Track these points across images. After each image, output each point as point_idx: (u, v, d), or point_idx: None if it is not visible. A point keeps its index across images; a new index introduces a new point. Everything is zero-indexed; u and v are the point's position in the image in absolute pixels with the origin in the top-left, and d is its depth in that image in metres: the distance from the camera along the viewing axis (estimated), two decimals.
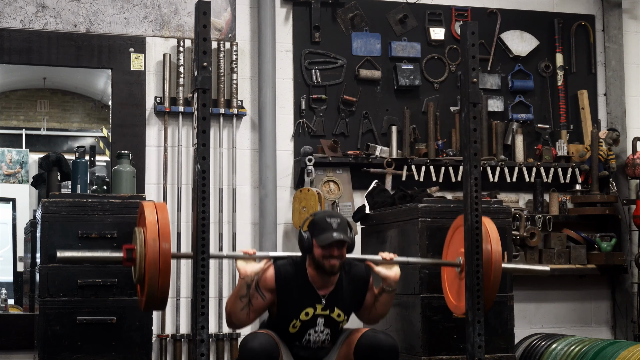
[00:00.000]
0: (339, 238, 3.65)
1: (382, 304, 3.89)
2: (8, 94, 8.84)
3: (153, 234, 3.38)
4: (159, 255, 3.37)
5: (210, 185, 3.36)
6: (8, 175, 8.47)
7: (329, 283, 3.79)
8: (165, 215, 3.45)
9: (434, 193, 5.21)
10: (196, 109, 3.36)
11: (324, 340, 3.83)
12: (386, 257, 3.84)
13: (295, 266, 3.79)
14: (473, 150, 3.68)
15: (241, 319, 3.74)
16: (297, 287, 3.76)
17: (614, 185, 5.96)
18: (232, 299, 3.71)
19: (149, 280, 3.38)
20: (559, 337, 5.35)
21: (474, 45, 3.73)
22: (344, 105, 5.67)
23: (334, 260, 3.67)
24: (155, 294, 3.41)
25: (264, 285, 3.75)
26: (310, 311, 3.77)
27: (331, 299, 3.79)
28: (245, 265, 3.65)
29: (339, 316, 3.82)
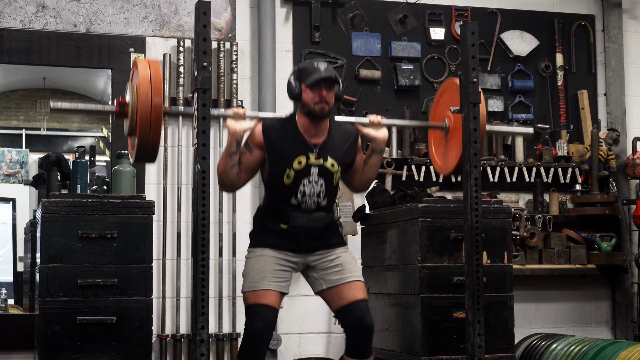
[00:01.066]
0: (327, 75, 3.69)
1: (370, 166, 3.94)
2: (8, 94, 8.85)
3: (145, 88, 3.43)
4: (150, 108, 3.42)
5: (210, 185, 3.37)
6: (8, 175, 8.47)
7: (319, 132, 3.81)
8: (158, 70, 3.50)
9: (434, 193, 5.21)
10: (196, 109, 3.36)
11: (318, 193, 3.80)
12: (374, 120, 3.90)
13: (285, 120, 3.83)
14: (473, 150, 3.69)
15: (232, 179, 3.75)
16: (287, 137, 3.78)
17: (614, 185, 5.96)
18: (223, 158, 3.74)
19: (141, 132, 3.44)
20: (559, 337, 5.35)
21: (474, 45, 3.73)
22: (344, 105, 5.67)
23: (323, 102, 3.72)
24: (146, 147, 3.48)
25: (252, 141, 3.78)
26: (303, 160, 3.77)
27: (323, 148, 3.81)
28: (235, 123, 3.70)
29: (333, 166, 3.82)
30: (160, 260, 5.26)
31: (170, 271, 5.33)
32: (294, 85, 3.77)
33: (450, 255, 4.44)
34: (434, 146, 4.19)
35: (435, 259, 4.41)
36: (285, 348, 5.47)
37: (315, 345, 5.57)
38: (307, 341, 5.56)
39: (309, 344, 5.56)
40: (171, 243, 5.33)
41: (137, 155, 3.56)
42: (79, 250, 4.31)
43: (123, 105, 3.52)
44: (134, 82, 3.54)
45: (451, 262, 4.43)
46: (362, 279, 3.88)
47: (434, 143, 4.18)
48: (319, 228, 3.84)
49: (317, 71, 3.71)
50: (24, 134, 8.93)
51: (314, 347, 5.56)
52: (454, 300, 4.37)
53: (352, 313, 3.78)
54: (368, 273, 4.79)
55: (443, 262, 4.42)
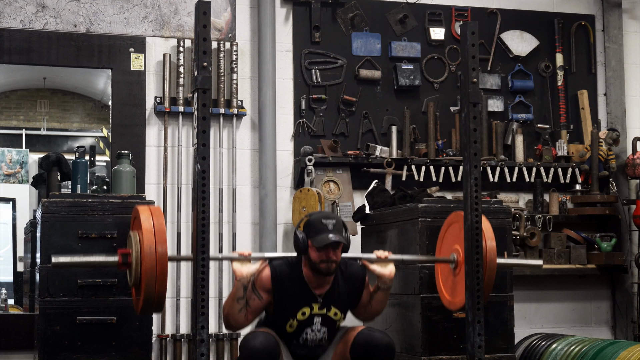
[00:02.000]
0: (334, 240, 3.65)
1: (377, 302, 3.91)
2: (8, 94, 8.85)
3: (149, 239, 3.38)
4: (156, 260, 3.37)
5: (210, 185, 3.36)
6: (8, 175, 8.47)
7: (324, 282, 3.80)
8: (160, 219, 3.45)
9: (434, 193, 5.21)
10: (196, 109, 3.36)
11: (321, 339, 3.83)
12: (381, 256, 3.85)
13: (291, 266, 3.79)
14: (473, 150, 3.68)
15: (239, 321, 3.75)
16: (293, 287, 3.76)
17: (614, 185, 5.96)
18: (230, 301, 3.72)
19: (146, 285, 3.39)
20: (559, 337, 5.35)
21: (474, 45, 3.73)
22: (344, 105, 5.67)
23: (329, 262, 3.68)
24: (153, 298, 3.43)
25: (260, 285, 3.76)
26: (307, 310, 3.78)
27: (327, 298, 3.80)
28: (241, 266, 3.67)
29: (336, 315, 3.82)
30: None
31: (170, 271, 5.31)
32: (301, 239, 3.73)
33: None
34: (441, 280, 4.11)
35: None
36: None
37: None
38: None
39: None
40: (171, 243, 5.33)
41: (143, 307, 3.48)
42: (79, 250, 4.31)
43: (126, 256, 3.47)
44: (135, 230, 3.48)
45: None
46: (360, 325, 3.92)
47: (442, 277, 4.11)
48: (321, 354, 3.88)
49: (325, 230, 3.67)
50: (24, 134, 8.92)
51: None
52: None
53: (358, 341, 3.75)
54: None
55: None
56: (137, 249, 3.42)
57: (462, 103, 3.75)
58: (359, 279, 3.89)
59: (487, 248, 3.74)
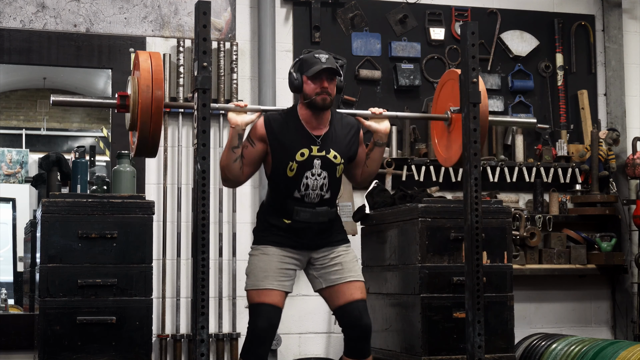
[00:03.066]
0: (328, 65, 3.69)
1: (372, 160, 3.95)
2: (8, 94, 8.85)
3: (146, 81, 3.43)
4: (151, 102, 3.43)
5: (210, 185, 3.37)
6: (8, 175, 8.48)
7: (322, 124, 3.81)
8: (159, 63, 3.50)
9: (434, 193, 5.21)
10: (196, 109, 3.36)
11: (321, 186, 3.79)
12: (375, 112, 3.92)
13: (286, 113, 3.83)
14: (473, 150, 3.69)
15: (235, 173, 3.75)
16: (289, 130, 3.77)
17: (614, 185, 5.96)
18: (225, 152, 3.74)
19: (141, 126, 3.43)
20: (559, 337, 5.35)
21: (474, 45, 3.73)
22: (344, 105, 5.67)
23: (324, 93, 3.71)
24: (147, 141, 3.48)
25: (254, 134, 3.78)
26: (306, 152, 3.77)
27: (325, 140, 3.80)
28: (236, 116, 3.70)
29: (335, 158, 3.81)
30: (160, 260, 5.26)
31: (170, 271, 5.33)
32: (295, 77, 3.77)
33: (450, 255, 4.44)
34: (437, 139, 4.18)
35: (435, 259, 4.40)
36: (285, 348, 5.47)
37: (315, 345, 5.57)
38: (307, 341, 5.56)
39: (309, 344, 5.56)
40: (171, 243, 5.33)
41: (138, 148, 3.55)
42: (79, 250, 4.31)
43: (124, 98, 3.53)
44: (135, 75, 3.53)
45: (451, 262, 4.43)
46: (362, 279, 3.87)
47: (437, 136, 4.18)
48: (323, 223, 3.83)
49: (318, 62, 3.70)
50: (24, 134, 8.93)
51: (314, 347, 5.56)
52: (454, 300, 4.37)
53: (349, 313, 3.78)
54: (368, 273, 4.79)
55: (443, 262, 4.42)
56: (134, 91, 3.47)
57: (462, 103, 3.75)
58: (355, 127, 3.93)
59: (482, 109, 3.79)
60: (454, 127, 3.94)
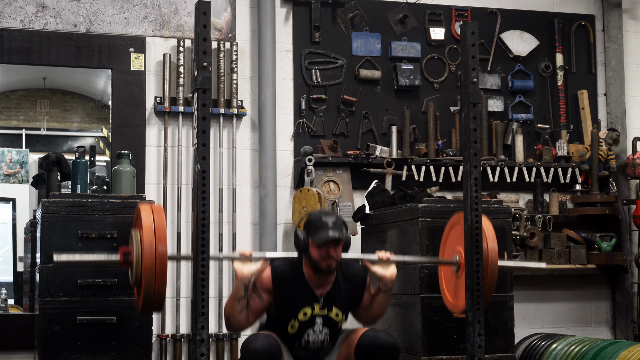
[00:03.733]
0: (334, 237, 3.65)
1: (378, 303, 3.89)
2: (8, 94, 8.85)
3: (149, 237, 3.39)
4: (155, 258, 3.38)
5: (210, 185, 3.36)
6: (8, 175, 8.47)
7: (326, 282, 3.79)
8: (161, 217, 3.46)
9: (434, 193, 5.21)
10: (196, 109, 3.36)
11: (323, 340, 3.83)
12: (382, 257, 3.84)
13: (292, 266, 3.79)
14: (473, 150, 3.68)
15: (240, 322, 3.74)
16: (294, 287, 3.76)
17: (614, 185, 5.96)
18: (231, 302, 3.72)
19: (146, 283, 3.39)
20: (559, 337, 5.35)
21: (474, 45, 3.73)
22: (344, 105, 5.67)
23: (330, 259, 3.68)
24: (152, 297, 3.43)
25: (261, 285, 3.76)
26: (308, 311, 3.77)
27: (329, 299, 3.79)
28: (242, 266, 3.66)
29: (337, 315, 3.82)
30: None
31: (170, 271, 5.32)
32: (301, 238, 3.73)
33: None
34: (444, 282, 4.11)
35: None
36: None
37: None
38: None
39: None
40: (171, 243, 5.33)
41: (144, 306, 3.50)
42: (79, 250, 4.31)
43: (127, 255, 3.49)
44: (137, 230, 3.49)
45: None
46: None
47: (445, 279, 4.11)
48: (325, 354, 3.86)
49: (324, 227, 3.66)
50: (24, 134, 8.92)
51: None
52: None
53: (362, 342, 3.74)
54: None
55: None
56: (137, 248, 3.42)
57: (462, 103, 3.75)
58: (360, 280, 3.89)
59: (488, 249, 3.74)
60: (463, 273, 3.85)
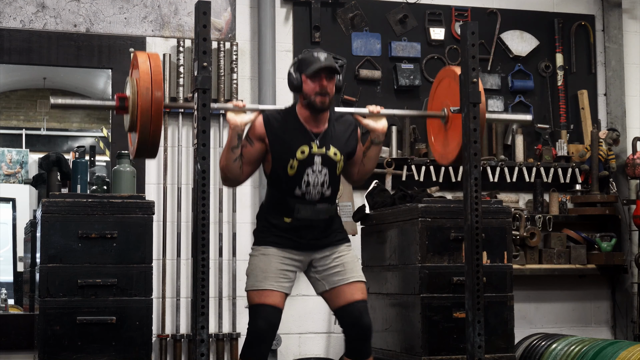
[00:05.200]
0: (327, 64, 3.69)
1: (369, 158, 3.94)
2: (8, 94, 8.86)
3: (145, 82, 3.41)
4: (151, 102, 3.41)
5: (210, 185, 3.37)
6: (8, 175, 8.48)
7: (320, 122, 3.81)
8: (158, 64, 3.49)
9: (434, 193, 5.21)
10: (196, 109, 3.36)
11: (322, 183, 3.80)
12: (373, 110, 3.92)
13: (285, 111, 3.82)
14: (473, 150, 3.69)
15: (235, 173, 3.75)
16: (289, 128, 3.77)
17: (614, 185, 5.96)
18: (225, 152, 3.73)
19: (141, 126, 3.42)
20: (559, 337, 5.35)
21: (474, 45, 3.73)
22: (344, 105, 5.67)
23: (324, 94, 3.71)
24: (147, 141, 3.46)
25: (253, 133, 3.77)
26: (306, 149, 3.77)
27: (325, 137, 3.81)
28: (235, 116, 3.69)
29: (335, 154, 3.82)
30: (160, 260, 5.26)
31: (170, 271, 5.33)
32: (294, 77, 3.76)
33: (450, 255, 4.44)
34: (433, 136, 4.17)
35: (435, 259, 4.41)
36: (285, 348, 5.47)
37: (315, 345, 5.57)
38: (307, 341, 5.56)
39: (309, 344, 5.56)
40: (171, 243, 5.33)
41: (138, 150, 3.54)
42: (79, 250, 4.32)
43: (123, 100, 3.51)
44: (133, 76, 3.52)
45: (451, 262, 4.43)
46: (363, 279, 3.87)
47: (434, 133, 4.17)
48: (324, 220, 3.82)
49: (317, 61, 3.70)
50: (24, 134, 8.93)
51: (314, 347, 5.56)
52: (454, 300, 4.37)
53: (350, 313, 3.78)
54: (368, 273, 4.77)
55: (443, 262, 4.42)
56: (134, 92, 3.45)
57: (462, 103, 3.75)
58: (353, 125, 3.93)
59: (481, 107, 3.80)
60: (451, 125, 3.93)
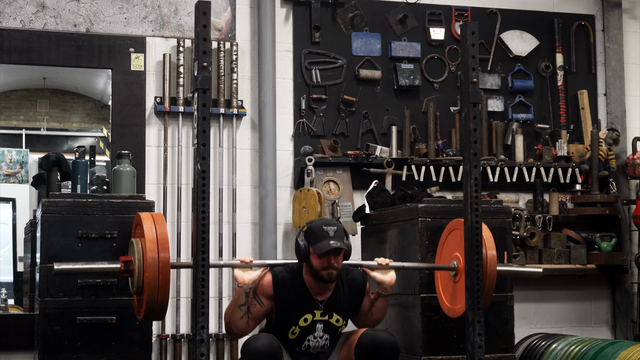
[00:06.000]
0: (335, 246, 3.67)
1: (378, 309, 3.92)
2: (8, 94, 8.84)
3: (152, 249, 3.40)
4: (158, 269, 3.39)
5: (210, 185, 3.37)
6: (8, 175, 8.47)
7: (326, 289, 3.81)
8: (163, 226, 3.48)
9: (434, 193, 5.21)
10: (196, 109, 3.36)
11: (323, 346, 3.85)
12: (382, 263, 3.87)
13: (292, 273, 3.81)
14: (473, 150, 3.68)
15: (240, 328, 3.76)
16: (295, 294, 3.77)
17: (614, 185, 5.96)
18: (231, 308, 3.73)
19: (149, 294, 3.40)
20: (559, 337, 5.35)
21: (474, 45, 3.73)
22: (344, 105, 5.67)
23: (331, 268, 3.69)
24: (155, 306, 3.45)
25: (261, 292, 3.77)
26: (309, 317, 3.79)
27: (329, 305, 3.81)
28: (242, 273, 3.68)
29: (338, 321, 3.83)
30: None
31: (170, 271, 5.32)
32: (302, 247, 3.74)
33: None
34: (441, 287, 4.14)
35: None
36: None
37: None
38: None
39: None
40: (171, 243, 5.33)
41: (146, 315, 3.51)
42: (79, 250, 4.31)
43: (128, 264, 3.49)
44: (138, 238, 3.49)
45: None
46: None
47: (442, 284, 4.14)
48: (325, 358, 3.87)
49: (326, 237, 3.68)
50: (24, 134, 8.92)
51: None
52: None
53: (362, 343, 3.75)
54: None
55: None
56: (139, 257, 3.43)
57: (462, 103, 3.75)
58: (360, 285, 3.90)
59: (487, 257, 3.78)
60: (461, 278, 3.90)
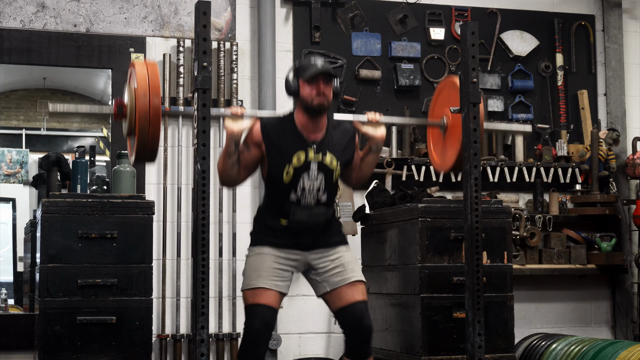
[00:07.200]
0: (324, 69, 3.71)
1: (367, 164, 3.94)
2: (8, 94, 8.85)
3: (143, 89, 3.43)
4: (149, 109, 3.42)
5: (210, 185, 3.37)
6: (8, 175, 8.48)
7: (318, 129, 3.81)
8: (155, 71, 3.50)
9: (434, 193, 5.21)
10: (196, 109, 3.36)
11: (318, 189, 3.80)
12: (372, 118, 3.90)
13: (283, 118, 3.84)
14: (473, 150, 3.69)
15: (232, 177, 3.77)
16: (286, 135, 3.79)
17: (614, 185, 5.96)
18: (222, 157, 3.75)
19: (140, 131, 3.43)
20: (559, 337, 5.35)
21: (474, 45, 3.73)
22: (344, 105, 5.67)
23: (321, 96, 3.72)
24: (146, 145, 3.47)
25: (250, 139, 3.79)
26: (302, 155, 3.78)
27: (322, 144, 3.82)
28: (232, 123, 3.70)
29: (331, 162, 3.82)
30: (160, 260, 5.26)
31: (170, 271, 5.33)
32: (292, 82, 3.79)
33: (450, 255, 4.44)
34: (432, 144, 4.19)
35: (435, 259, 4.41)
36: (285, 348, 5.47)
37: (315, 345, 5.57)
38: (307, 341, 5.56)
39: (309, 344, 5.56)
40: (171, 243, 5.33)
41: (137, 155, 3.56)
42: (79, 250, 4.32)
43: (121, 107, 3.53)
44: (131, 84, 3.53)
45: (451, 262, 4.43)
46: (363, 279, 3.87)
47: (433, 141, 4.19)
48: (320, 223, 3.82)
49: (314, 66, 3.73)
50: (24, 134, 8.93)
51: (314, 347, 5.56)
52: (454, 300, 4.38)
53: (350, 314, 3.78)
54: (368, 273, 4.79)
55: (443, 262, 4.43)
56: (131, 100, 3.47)
57: (462, 103, 3.75)
58: (351, 132, 3.93)
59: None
60: (449, 134, 3.94)
